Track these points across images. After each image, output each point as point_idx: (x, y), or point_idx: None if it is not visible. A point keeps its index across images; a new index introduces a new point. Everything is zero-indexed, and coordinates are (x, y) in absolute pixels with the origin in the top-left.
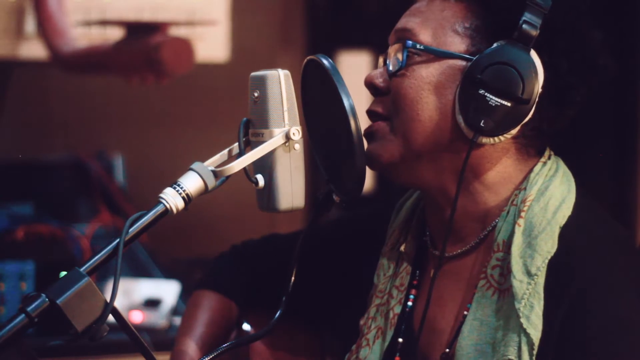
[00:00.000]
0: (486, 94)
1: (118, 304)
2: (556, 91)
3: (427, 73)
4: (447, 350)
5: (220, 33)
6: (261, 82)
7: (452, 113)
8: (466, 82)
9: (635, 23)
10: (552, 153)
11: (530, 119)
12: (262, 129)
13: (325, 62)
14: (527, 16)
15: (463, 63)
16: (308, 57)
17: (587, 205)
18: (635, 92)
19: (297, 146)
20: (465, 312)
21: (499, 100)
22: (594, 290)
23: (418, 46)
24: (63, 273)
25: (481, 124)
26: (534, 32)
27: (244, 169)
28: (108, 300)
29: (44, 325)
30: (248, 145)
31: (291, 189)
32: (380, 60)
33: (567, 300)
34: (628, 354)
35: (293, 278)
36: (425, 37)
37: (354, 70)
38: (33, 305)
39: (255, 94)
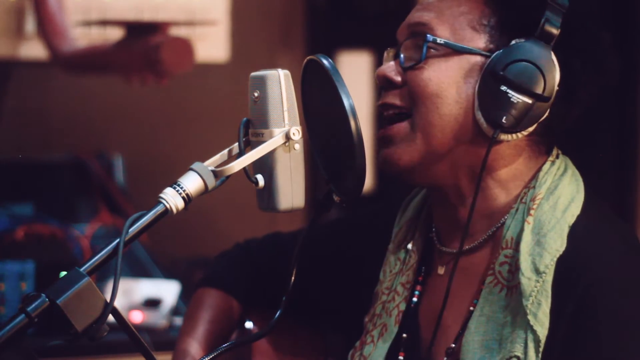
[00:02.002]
0: (508, 90)
1: (118, 304)
2: (568, 89)
3: (447, 67)
4: (453, 345)
5: (220, 33)
6: (261, 82)
7: (471, 109)
8: (487, 78)
9: (635, 23)
10: (559, 152)
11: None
12: (262, 129)
13: (325, 62)
14: (548, 15)
15: (482, 59)
16: (308, 57)
17: (595, 205)
18: (635, 91)
19: (297, 146)
20: (472, 308)
21: (521, 97)
22: (602, 289)
23: (439, 41)
24: (63, 273)
25: (503, 121)
26: (556, 31)
27: (244, 169)
28: (108, 300)
29: (44, 325)
30: (248, 145)
31: (291, 189)
32: (389, 54)
33: (574, 299)
34: (635, 353)
35: (293, 277)
36: (443, 31)
37: (354, 70)
38: (33, 305)
39: (255, 94)
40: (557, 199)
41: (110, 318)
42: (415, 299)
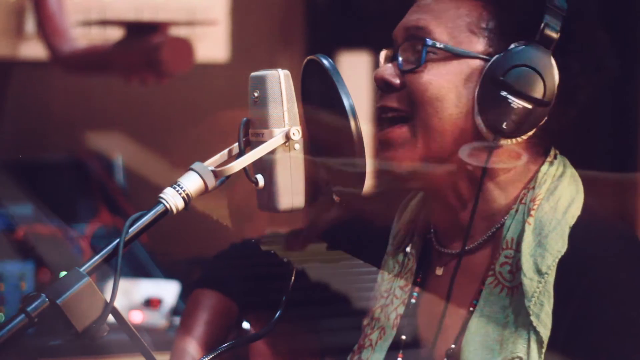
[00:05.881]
0: (508, 95)
1: (118, 304)
2: (566, 92)
3: (447, 71)
4: (453, 345)
5: (220, 33)
6: (261, 82)
7: (471, 113)
8: (487, 83)
9: (635, 23)
10: (557, 153)
11: None
12: (262, 129)
13: (325, 62)
14: (548, 19)
15: (481, 63)
16: (308, 57)
17: (595, 206)
18: (635, 92)
19: (297, 146)
20: (472, 309)
21: (521, 102)
22: (603, 289)
23: (438, 45)
24: (63, 273)
25: (503, 126)
26: (556, 35)
27: (244, 168)
28: (108, 300)
29: (44, 325)
30: (248, 145)
31: (291, 189)
32: (385, 56)
33: (576, 300)
34: (636, 353)
35: (293, 278)
36: (442, 35)
37: (354, 70)
38: (33, 305)
39: (255, 94)
40: (558, 200)
41: (110, 318)
42: (413, 301)
